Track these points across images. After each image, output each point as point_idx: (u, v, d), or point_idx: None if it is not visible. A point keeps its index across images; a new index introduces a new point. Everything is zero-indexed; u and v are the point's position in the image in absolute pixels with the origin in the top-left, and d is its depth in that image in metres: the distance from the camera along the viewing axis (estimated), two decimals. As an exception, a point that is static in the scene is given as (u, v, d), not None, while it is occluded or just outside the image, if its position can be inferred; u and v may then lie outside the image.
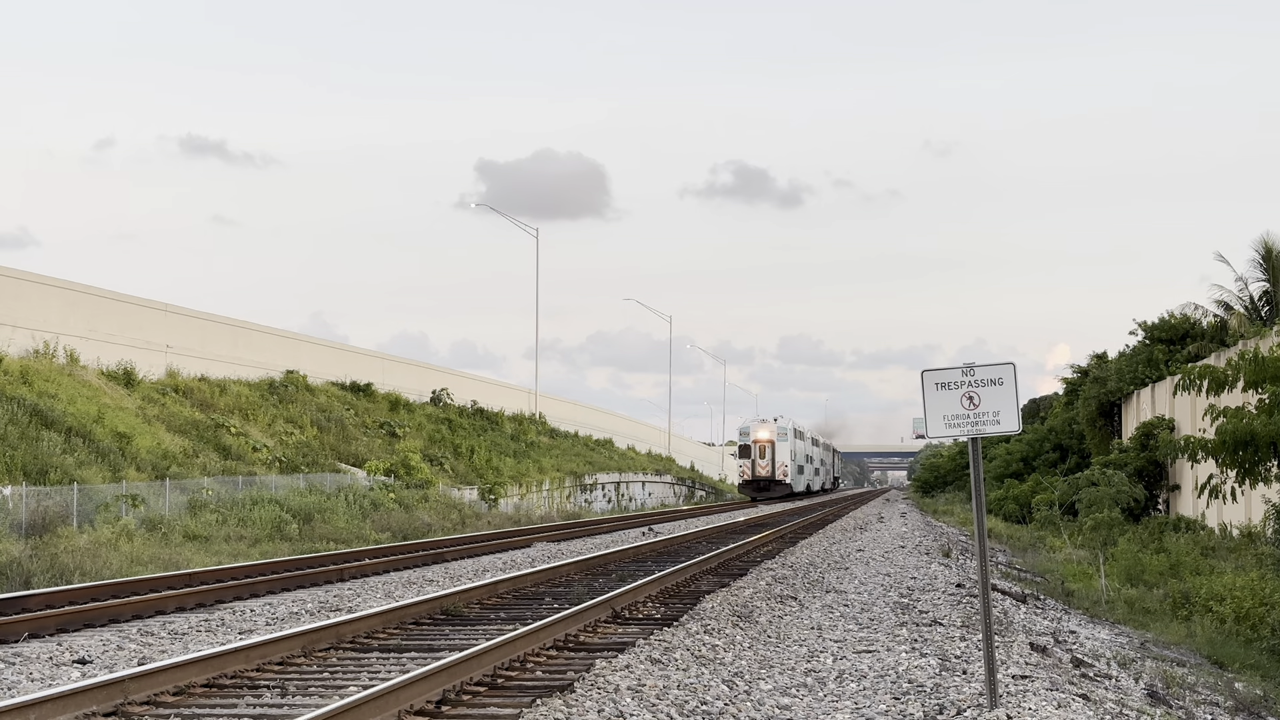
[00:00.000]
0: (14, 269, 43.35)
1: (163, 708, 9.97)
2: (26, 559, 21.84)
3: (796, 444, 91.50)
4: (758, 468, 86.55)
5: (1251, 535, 28.65)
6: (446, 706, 9.98)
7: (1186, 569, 24.37)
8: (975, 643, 13.02)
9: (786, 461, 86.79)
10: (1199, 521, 35.12)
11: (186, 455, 40.41)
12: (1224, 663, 15.98)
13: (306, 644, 12.53)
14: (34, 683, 11.06)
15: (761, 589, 18.69)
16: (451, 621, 15.24)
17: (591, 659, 12.00)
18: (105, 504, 30.12)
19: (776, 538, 32.75)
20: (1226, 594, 19.38)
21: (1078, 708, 9.93)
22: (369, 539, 32.81)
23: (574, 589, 18.92)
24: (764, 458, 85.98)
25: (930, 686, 10.74)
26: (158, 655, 12.56)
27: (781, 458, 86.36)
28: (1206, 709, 12.36)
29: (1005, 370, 10.21)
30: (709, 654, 12.42)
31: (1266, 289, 45.98)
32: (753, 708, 9.90)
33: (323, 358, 62.62)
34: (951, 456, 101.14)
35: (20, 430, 33.74)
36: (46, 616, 14.75)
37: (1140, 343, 50.69)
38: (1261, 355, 17.90)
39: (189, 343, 51.50)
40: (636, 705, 9.74)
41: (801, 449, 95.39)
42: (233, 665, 11.30)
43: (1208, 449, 18.08)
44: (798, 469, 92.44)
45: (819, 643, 13.36)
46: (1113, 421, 52.31)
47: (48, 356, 41.97)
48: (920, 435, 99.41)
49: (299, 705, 9.99)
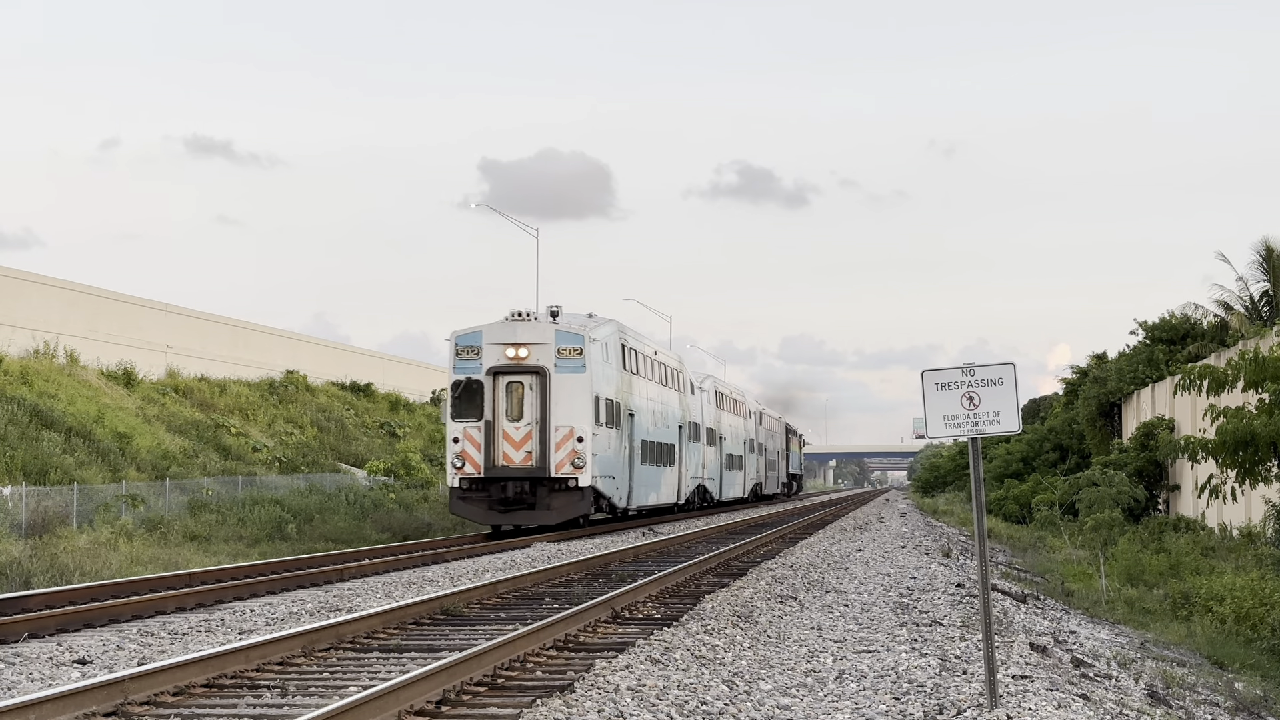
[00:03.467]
0: (14, 269, 43.39)
1: (163, 708, 9.96)
2: (26, 559, 21.84)
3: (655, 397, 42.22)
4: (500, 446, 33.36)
5: (1251, 535, 28.65)
6: (446, 706, 9.98)
7: (1186, 569, 24.37)
8: (975, 643, 13.02)
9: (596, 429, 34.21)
10: (1199, 521, 35.11)
11: (186, 455, 40.42)
12: (1224, 663, 15.97)
13: (306, 644, 12.53)
14: (34, 683, 11.06)
15: (761, 589, 18.69)
16: (451, 621, 15.23)
17: (591, 659, 11.99)
18: (105, 504, 30.12)
19: (776, 538, 32.76)
20: (1226, 594, 19.37)
21: (1078, 708, 9.93)
22: (369, 539, 32.80)
23: (574, 589, 18.92)
24: (518, 417, 33.40)
25: (930, 686, 10.73)
26: (158, 655, 12.56)
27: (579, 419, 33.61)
28: (1206, 709, 12.36)
29: (1005, 370, 10.21)
30: (709, 654, 12.41)
31: (1267, 289, 45.98)
32: (753, 708, 9.90)
33: (323, 358, 62.65)
34: (951, 456, 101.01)
35: (20, 430, 33.74)
36: (46, 616, 14.75)
37: (1140, 343, 50.70)
38: (1261, 355, 17.91)
39: (189, 343, 51.51)
40: (636, 705, 9.74)
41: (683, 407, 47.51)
42: (233, 665, 11.30)
43: (1208, 449, 18.09)
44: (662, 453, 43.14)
45: (819, 643, 13.36)
46: (1113, 421, 52.29)
47: (48, 356, 41.97)
48: (920, 435, 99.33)
49: (299, 705, 9.99)
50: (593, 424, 33.43)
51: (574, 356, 33.44)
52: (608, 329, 36.94)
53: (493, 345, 33.23)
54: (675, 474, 45.95)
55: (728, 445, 59.30)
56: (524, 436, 33.08)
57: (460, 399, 33.12)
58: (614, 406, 36.03)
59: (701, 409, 52.34)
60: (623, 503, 37.61)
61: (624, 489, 37.68)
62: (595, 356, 34.34)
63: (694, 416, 50.22)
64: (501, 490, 32.56)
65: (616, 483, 36.54)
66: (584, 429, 33.10)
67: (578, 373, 33.42)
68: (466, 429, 32.92)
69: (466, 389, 33.13)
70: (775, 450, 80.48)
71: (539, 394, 32.96)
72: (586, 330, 34.40)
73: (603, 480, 34.76)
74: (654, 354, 43.89)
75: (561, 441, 32.91)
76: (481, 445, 32.73)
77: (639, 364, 40.58)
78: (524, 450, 33.01)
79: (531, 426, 33.06)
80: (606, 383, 35.47)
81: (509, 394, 33.10)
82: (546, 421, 32.85)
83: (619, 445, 36.72)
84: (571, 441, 32.98)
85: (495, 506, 32.64)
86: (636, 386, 39.75)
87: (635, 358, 40.15)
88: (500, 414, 33.03)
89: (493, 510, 32.65)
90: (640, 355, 41.15)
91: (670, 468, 44.83)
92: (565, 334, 33.68)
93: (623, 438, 37.18)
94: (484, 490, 32.72)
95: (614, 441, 36.04)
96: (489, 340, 33.29)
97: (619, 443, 36.70)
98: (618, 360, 37.34)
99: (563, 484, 32.97)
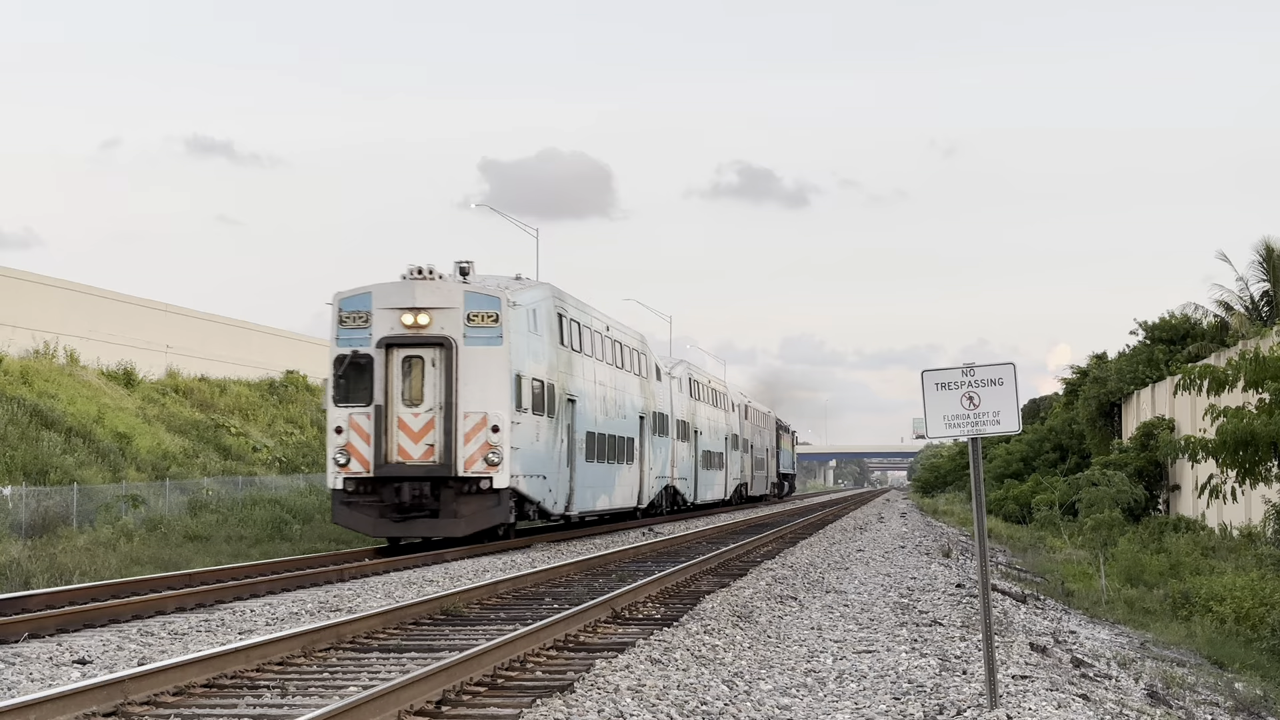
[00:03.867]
0: (14, 269, 43.42)
1: (163, 708, 9.96)
2: (26, 559, 21.86)
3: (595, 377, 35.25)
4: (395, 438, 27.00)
5: (1251, 535, 28.66)
6: (446, 706, 9.98)
7: (1186, 569, 24.39)
8: (975, 643, 13.02)
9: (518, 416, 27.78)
10: (1199, 521, 35.12)
11: (186, 455, 40.44)
12: (1224, 663, 15.98)
13: (306, 644, 12.53)
14: (34, 683, 11.06)
15: (761, 589, 18.69)
16: (451, 621, 15.23)
17: (591, 659, 11.99)
18: (105, 504, 30.13)
19: (776, 538, 32.76)
20: (1226, 594, 19.39)
21: (1078, 708, 9.93)
22: (369, 539, 32.79)
23: (574, 589, 18.92)
24: (417, 401, 27.16)
25: (930, 686, 10.73)
26: (158, 655, 12.55)
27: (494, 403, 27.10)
28: (1206, 709, 12.36)
29: (1005, 370, 10.21)
30: (709, 654, 12.41)
31: (1267, 289, 46.00)
32: (753, 708, 9.90)
33: (323, 358, 62.54)
34: (951, 456, 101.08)
35: (20, 430, 33.75)
36: (46, 617, 14.75)
37: (1141, 343, 50.75)
38: (1262, 355, 17.91)
39: (189, 343, 51.52)
40: (636, 705, 9.74)
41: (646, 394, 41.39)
42: (233, 665, 11.30)
43: (1208, 449, 18.09)
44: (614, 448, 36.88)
45: (819, 643, 13.36)
46: (1113, 421, 52.30)
47: (48, 356, 41.99)
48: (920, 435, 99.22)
49: (299, 705, 9.99)
50: (512, 409, 27.16)
51: (488, 325, 27.12)
52: (537, 293, 30.29)
53: (385, 310, 27.10)
54: (635, 473, 39.29)
55: (705, 441, 53.05)
56: (424, 426, 26.83)
57: (344, 378, 27.11)
58: (546, 390, 29.78)
59: (671, 398, 45.94)
60: (558, 507, 31.14)
61: (561, 491, 31.26)
62: (518, 325, 27.98)
63: (660, 406, 43.61)
64: (396, 494, 26.40)
65: (549, 483, 30.11)
66: (500, 416, 26.77)
67: (493, 345, 27.06)
68: (353, 416, 26.80)
69: (353, 366, 27.03)
70: (763, 447, 74.27)
71: (443, 371, 26.83)
72: (506, 293, 27.83)
73: (528, 480, 28.34)
74: (606, 330, 37.07)
75: (472, 432, 26.67)
76: (371, 437, 26.60)
77: (583, 340, 34.12)
78: (424, 443, 26.79)
79: (434, 413, 26.80)
80: (535, 359, 29.12)
81: (406, 371, 27.01)
82: (453, 406, 26.64)
83: (552, 437, 30.42)
84: (484, 432, 26.65)
85: (389, 514, 26.52)
86: (580, 367, 33.43)
87: (578, 331, 33.53)
88: (394, 397, 26.90)
89: (385, 519, 26.57)
90: (586, 329, 34.55)
91: (627, 466, 38.36)
92: (478, 296, 27.26)
93: (558, 428, 30.92)
94: (374, 494, 26.66)
95: (545, 432, 29.74)
96: (381, 304, 27.16)
97: (552, 434, 30.41)
98: (552, 332, 30.85)
99: (473, 485, 26.65)
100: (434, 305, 27.13)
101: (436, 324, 27.04)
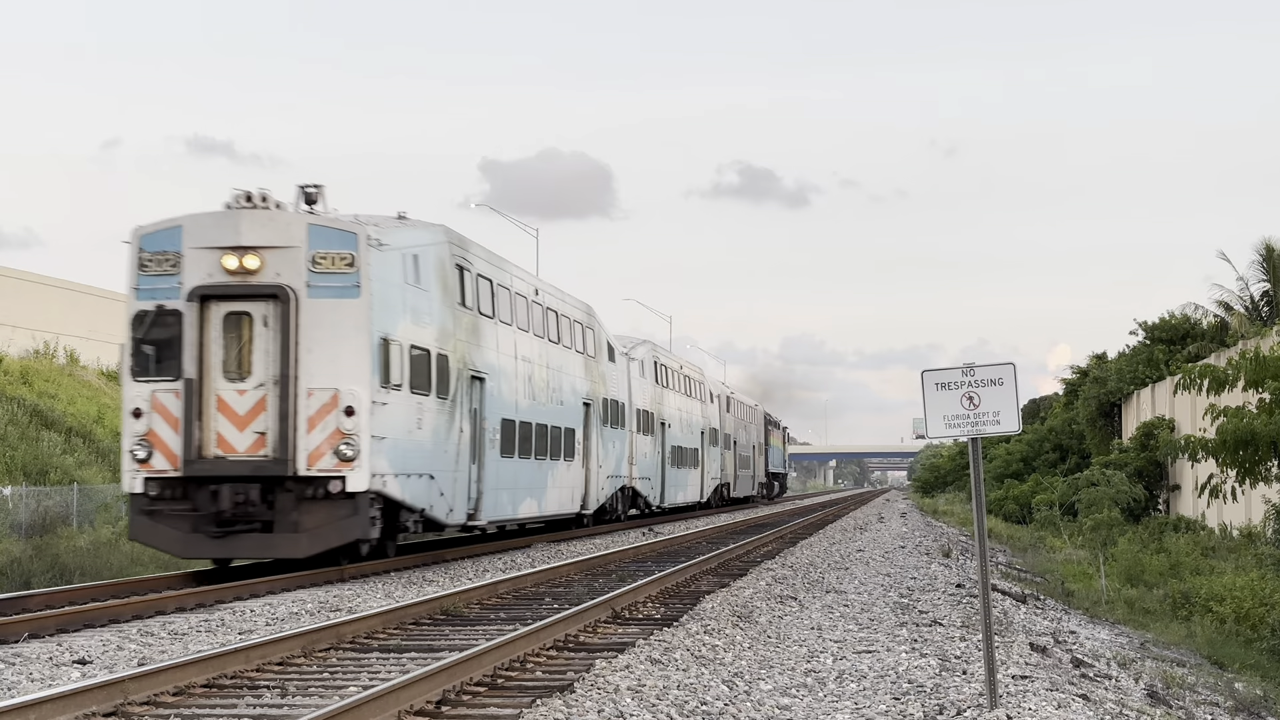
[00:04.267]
0: (14, 269, 43.45)
1: (163, 708, 9.97)
2: (27, 559, 21.86)
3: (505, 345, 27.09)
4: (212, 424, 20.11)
5: (1251, 535, 28.68)
6: (446, 707, 9.98)
7: (1186, 569, 24.40)
8: (975, 643, 13.02)
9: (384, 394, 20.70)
10: (1199, 521, 35.13)
11: (187, 455, 40.40)
12: (1224, 663, 16.00)
13: (306, 644, 12.53)
14: (34, 683, 11.06)
15: (761, 589, 18.69)
16: (451, 621, 15.24)
17: (591, 659, 11.99)
18: (105, 504, 30.14)
19: (776, 538, 32.77)
20: (1226, 594, 19.41)
21: (1078, 708, 9.94)
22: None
23: (574, 589, 18.92)
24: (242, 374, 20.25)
25: (930, 686, 10.74)
26: (158, 655, 12.56)
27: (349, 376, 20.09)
28: (1206, 709, 12.37)
29: (1005, 370, 10.22)
30: (709, 654, 12.42)
31: (1267, 289, 46.03)
32: (753, 708, 9.90)
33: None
34: (951, 456, 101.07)
35: (20, 430, 33.77)
36: (46, 616, 14.75)
37: (1140, 343, 50.78)
38: (1262, 355, 17.91)
39: (189, 343, 51.44)
40: (636, 705, 9.74)
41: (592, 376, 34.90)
42: (233, 665, 11.30)
43: (1208, 449, 18.09)
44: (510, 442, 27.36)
45: (819, 643, 13.36)
46: (1113, 421, 52.32)
47: (48, 356, 42.00)
48: (920, 435, 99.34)
49: (299, 705, 9.99)
50: (375, 385, 20.26)
51: (342, 270, 20.07)
52: (421, 235, 22.90)
53: (201, 251, 20.12)
54: (576, 472, 32.60)
55: (675, 435, 46.70)
56: (253, 407, 19.96)
57: (145, 343, 20.25)
58: (435, 362, 22.69)
59: (629, 383, 39.34)
60: (456, 515, 23.94)
61: (458, 495, 23.89)
62: (388, 274, 20.95)
63: (614, 392, 36.84)
64: (213, 500, 19.64)
65: (440, 484, 22.88)
66: (357, 394, 19.90)
67: (347, 297, 20.05)
68: (156, 395, 20.01)
69: (157, 325, 20.15)
70: (749, 444, 67.48)
71: (279, 333, 19.89)
72: (370, 229, 20.64)
73: (403, 480, 21.29)
74: (535, 294, 29.76)
75: (318, 415, 19.85)
76: (180, 422, 19.80)
77: (498, 303, 26.56)
78: (252, 430, 19.93)
79: (266, 389, 19.92)
80: (415, 320, 21.92)
81: (227, 333, 20.12)
82: (292, 381, 19.78)
83: (445, 425, 23.15)
84: (335, 415, 19.81)
85: (204, 528, 19.76)
86: (492, 336, 26.02)
87: (490, 292, 26.12)
88: (212, 368, 20.02)
89: (200, 534, 19.83)
90: (503, 290, 27.04)
91: (565, 463, 31.31)
92: (327, 232, 20.28)
93: (454, 413, 23.60)
94: (185, 500, 19.88)
95: (433, 418, 22.58)
96: (194, 241, 20.22)
97: (445, 421, 23.18)
98: (446, 288, 23.43)
99: (319, 488, 19.85)
100: (266, 244, 20.06)
101: (270, 268, 20.01)
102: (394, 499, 21.21)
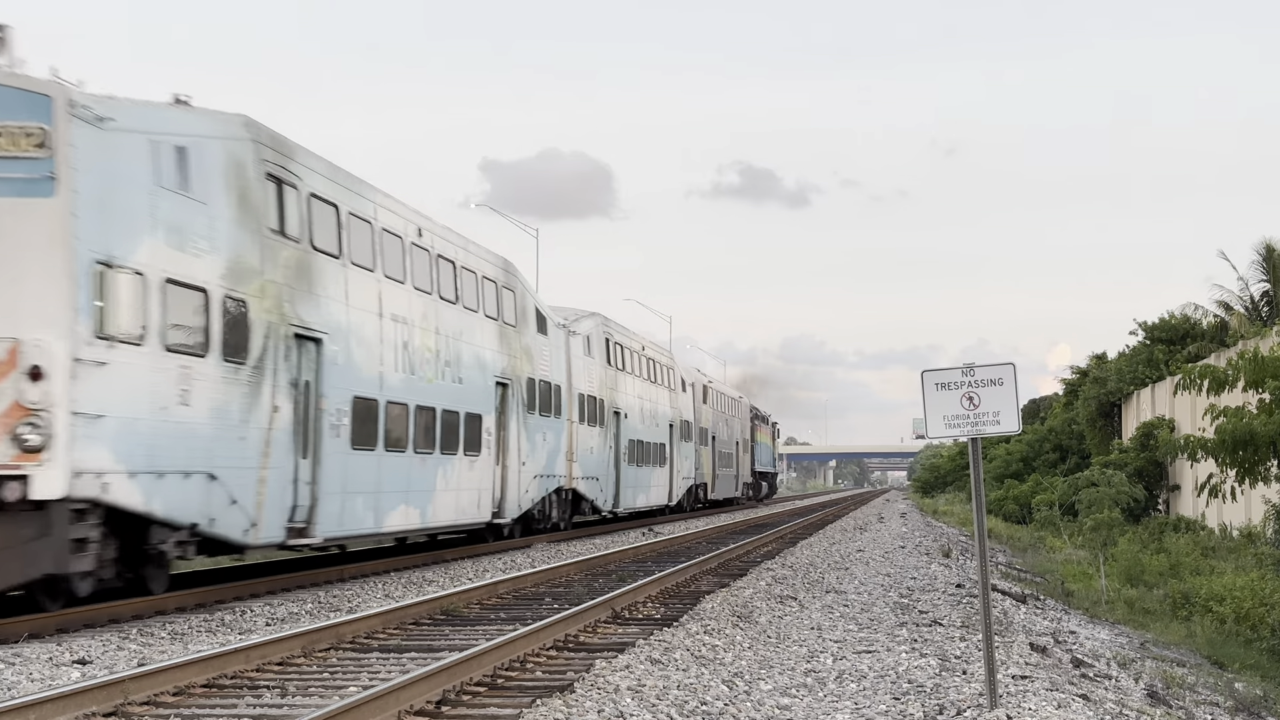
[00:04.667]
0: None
1: (163, 708, 9.97)
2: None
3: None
4: None
5: (1251, 535, 28.69)
6: (446, 707, 9.98)
7: (1186, 569, 24.41)
8: (975, 643, 13.03)
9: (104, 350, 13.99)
10: (1199, 521, 35.14)
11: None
12: (1224, 663, 16.00)
13: (306, 644, 12.53)
14: (34, 683, 11.06)
15: (761, 589, 18.70)
16: (451, 621, 15.24)
17: (591, 659, 12.00)
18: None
19: (776, 538, 32.79)
20: (1226, 594, 19.41)
21: (1078, 708, 9.94)
22: (369, 539, 32.70)
23: (574, 589, 18.92)
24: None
25: (930, 686, 10.74)
26: (158, 655, 12.56)
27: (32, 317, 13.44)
28: (1206, 709, 12.37)
29: (1005, 370, 10.22)
30: (709, 654, 12.42)
31: (1267, 289, 46.05)
32: (752, 708, 9.90)
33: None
34: (951, 456, 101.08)
35: (20, 430, 33.67)
36: (46, 617, 14.74)
37: (1140, 343, 50.80)
38: (1261, 355, 17.92)
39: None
40: (636, 705, 9.74)
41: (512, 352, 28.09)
42: (233, 665, 11.30)
43: (1208, 449, 18.10)
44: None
45: (819, 643, 13.36)
46: (1113, 421, 52.33)
47: (48, 357, 41.82)
48: (920, 435, 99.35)
49: (299, 705, 9.99)
50: (83, 333, 13.93)
51: (26, 154, 13.70)
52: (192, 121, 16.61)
53: None
54: (484, 471, 26.10)
55: (634, 428, 40.04)
56: None
57: None
58: (212, 305, 16.19)
59: (567, 361, 32.84)
60: (256, 531, 17.48)
61: (262, 498, 17.53)
62: (111, 165, 14.55)
63: (544, 371, 30.57)
64: None
65: (229, 487, 16.64)
66: (49, 346, 13.63)
67: (33, 195, 13.72)
68: None
69: None
70: (732, 440, 60.45)
71: None
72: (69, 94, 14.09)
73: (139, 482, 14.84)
74: (417, 234, 23.21)
75: None
76: None
77: (345, 235, 20.07)
78: None
79: None
80: (171, 239, 15.42)
81: None
82: None
83: (244, 406, 16.98)
84: (12, 380, 13.59)
85: None
86: (331, 281, 19.49)
87: (318, 216, 19.23)
88: None
89: None
90: (348, 216, 20.22)
91: (466, 459, 25.04)
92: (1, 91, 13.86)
93: (256, 390, 17.28)
94: None
95: (208, 389, 16.09)
96: None
97: (244, 400, 16.99)
98: (227, 196, 16.73)
99: None
100: None
101: None
102: (131, 510, 14.83)
